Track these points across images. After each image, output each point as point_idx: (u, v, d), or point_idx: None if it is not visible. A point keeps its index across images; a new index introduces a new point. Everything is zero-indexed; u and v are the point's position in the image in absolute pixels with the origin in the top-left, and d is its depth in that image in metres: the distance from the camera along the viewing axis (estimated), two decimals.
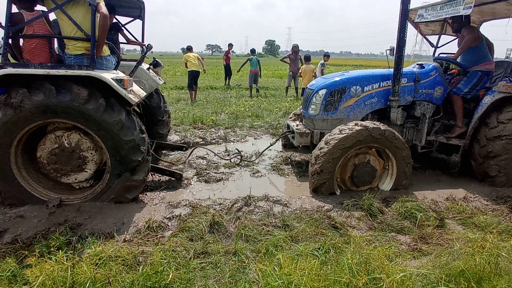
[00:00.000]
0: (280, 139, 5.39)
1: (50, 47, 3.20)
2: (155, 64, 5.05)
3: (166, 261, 2.30)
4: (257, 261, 2.42)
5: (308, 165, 3.93)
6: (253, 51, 13.71)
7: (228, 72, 14.99)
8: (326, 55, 11.63)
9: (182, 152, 5.22)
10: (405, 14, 3.85)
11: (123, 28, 4.97)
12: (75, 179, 3.40)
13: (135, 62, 4.51)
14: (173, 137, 6.19)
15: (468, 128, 4.19)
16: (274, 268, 2.17)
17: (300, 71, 10.64)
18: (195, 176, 4.34)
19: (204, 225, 2.87)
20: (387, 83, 4.24)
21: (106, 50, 3.45)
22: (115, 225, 2.97)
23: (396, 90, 4.09)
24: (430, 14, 4.52)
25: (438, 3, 4.28)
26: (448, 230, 2.99)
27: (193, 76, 10.73)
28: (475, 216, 3.25)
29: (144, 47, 4.85)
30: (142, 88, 4.47)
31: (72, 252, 2.17)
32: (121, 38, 4.99)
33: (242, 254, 2.52)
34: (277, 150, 5.54)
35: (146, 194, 3.74)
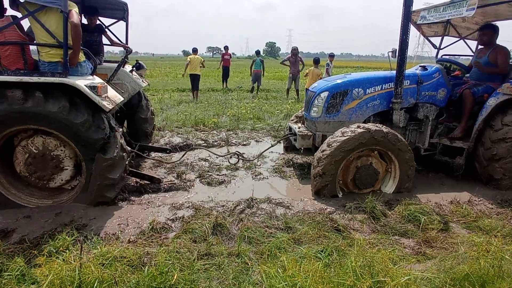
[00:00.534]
0: (282, 141, 5.40)
1: (23, 54, 3.19)
2: (138, 67, 5.06)
3: (170, 262, 2.31)
4: (261, 263, 2.42)
5: (310, 168, 3.93)
6: (257, 52, 14.23)
7: (226, 75, 14.97)
8: (331, 56, 11.69)
9: (166, 154, 5.18)
10: (408, 16, 3.86)
11: (106, 29, 4.98)
12: (62, 180, 3.37)
13: (120, 63, 4.57)
14: (175, 139, 6.20)
15: (473, 130, 4.18)
16: (278, 270, 2.17)
17: (307, 71, 10.73)
18: (198, 178, 4.34)
19: (207, 226, 2.87)
20: (389, 85, 4.24)
21: (81, 56, 3.42)
22: (119, 226, 2.99)
23: (399, 92, 4.09)
24: (433, 16, 4.53)
25: (440, 4, 4.29)
26: (452, 233, 2.99)
27: (193, 79, 11.43)
28: (480, 220, 3.23)
29: (127, 49, 4.89)
30: (124, 91, 4.53)
31: (78, 252, 2.17)
32: (105, 40, 5.00)
33: (245, 256, 2.52)
34: (279, 153, 5.55)
35: (149, 196, 3.76)
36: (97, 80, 3.40)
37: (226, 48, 15.04)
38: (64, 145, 3.29)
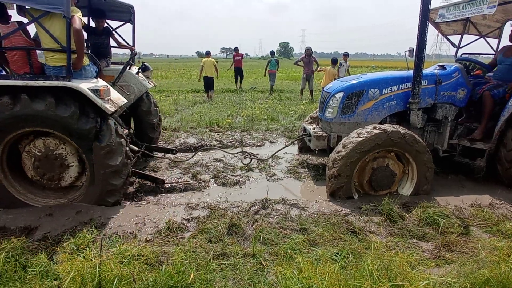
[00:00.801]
0: (296, 142, 5.38)
1: (29, 59, 3.28)
2: (143, 68, 5.12)
3: (186, 261, 2.34)
4: (276, 263, 2.42)
5: (325, 169, 3.91)
6: (272, 53, 14.47)
7: (239, 76, 14.92)
8: (345, 55, 11.57)
9: (172, 155, 5.20)
10: (426, 15, 3.78)
11: (114, 32, 5.07)
12: (71, 177, 3.46)
13: (127, 65, 4.67)
14: (190, 140, 6.27)
15: (494, 131, 4.05)
16: (293, 272, 2.17)
17: (323, 68, 10.74)
18: (213, 179, 4.38)
19: (223, 227, 2.90)
20: (406, 85, 4.17)
21: (85, 60, 3.50)
22: (136, 225, 3.05)
23: (416, 92, 4.01)
24: (452, 14, 4.43)
25: (460, 2, 4.19)
26: (473, 237, 2.91)
27: (207, 82, 11.82)
28: (501, 224, 3.14)
29: (133, 51, 4.97)
30: (130, 92, 4.62)
31: (98, 250, 2.24)
32: (113, 42, 5.11)
33: (260, 257, 2.53)
34: (293, 154, 5.53)
35: (165, 196, 3.82)
36: (100, 83, 3.47)
37: (236, 49, 15.07)
38: (64, 143, 3.37)
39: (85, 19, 4.82)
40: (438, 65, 4.58)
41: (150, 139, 5.24)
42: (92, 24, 4.96)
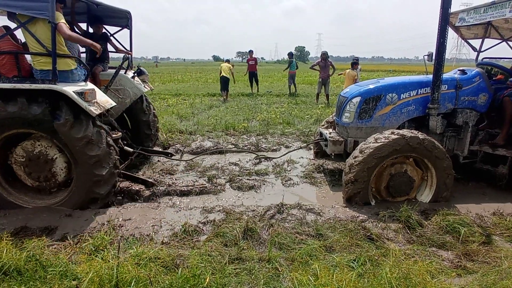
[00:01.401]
0: (311, 146, 5.36)
1: (17, 62, 3.38)
2: (139, 73, 5.20)
3: (202, 265, 2.35)
4: (292, 269, 2.40)
5: (341, 174, 3.86)
6: (291, 54, 15.07)
7: (253, 80, 14.99)
8: (355, 63, 11.43)
9: (168, 158, 5.25)
10: (446, 18, 3.71)
11: (111, 37, 5.20)
12: (61, 169, 3.49)
13: (125, 70, 4.84)
14: (206, 143, 6.34)
15: None
16: (310, 278, 2.15)
17: (342, 72, 10.75)
18: (228, 183, 4.40)
19: (238, 231, 2.90)
20: (425, 90, 4.09)
21: (72, 64, 3.57)
22: (153, 227, 3.09)
23: (436, 97, 3.93)
24: (473, 18, 4.32)
25: (481, 6, 4.09)
26: (495, 247, 2.81)
27: (223, 81, 12.97)
28: None
29: (128, 55, 5.08)
30: (126, 96, 4.73)
31: (116, 251, 2.28)
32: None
33: (276, 262, 2.52)
34: (309, 158, 5.50)
35: (181, 199, 3.86)
36: (88, 87, 3.53)
37: (250, 52, 15.08)
38: (49, 144, 3.43)
39: (83, 25, 5.04)
40: (458, 70, 4.48)
41: (147, 136, 5.30)
42: (91, 30, 5.11)
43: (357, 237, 2.89)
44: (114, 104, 3.89)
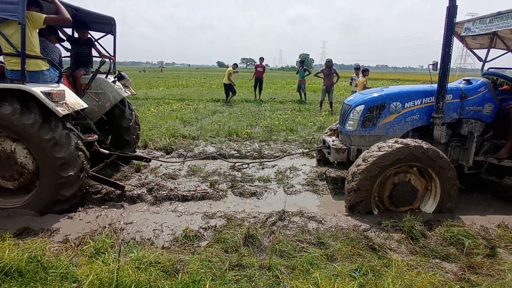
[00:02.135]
0: (314, 154, 5.34)
1: None
2: (119, 77, 5.25)
3: (202, 270, 2.34)
4: (292, 277, 2.38)
5: (344, 182, 3.84)
6: (302, 62, 15.53)
7: (258, 87, 15.05)
8: (356, 68, 11.51)
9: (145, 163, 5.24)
10: (451, 28, 3.72)
11: (95, 42, 5.29)
12: (24, 157, 3.44)
13: (106, 74, 4.95)
14: (208, 149, 6.34)
15: None
16: (310, 287, 2.12)
17: (357, 82, 10.82)
18: (230, 189, 4.39)
19: (239, 237, 2.88)
20: (430, 99, 4.07)
21: (44, 65, 3.61)
22: (154, 232, 3.09)
23: (440, 107, 3.92)
24: (478, 28, 4.32)
25: (487, 16, 4.09)
26: (499, 260, 2.76)
27: (224, 87, 14.01)
28: None
29: (112, 60, 5.17)
30: (106, 100, 4.80)
31: (117, 255, 2.27)
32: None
33: (276, 270, 2.49)
34: (311, 166, 5.49)
35: (182, 204, 3.86)
36: (58, 88, 3.54)
37: (261, 59, 15.17)
38: (13, 140, 3.40)
39: (69, 30, 5.15)
40: (464, 79, 4.47)
41: (126, 142, 5.28)
42: (76, 35, 5.21)
43: (359, 246, 2.86)
44: (85, 106, 3.88)
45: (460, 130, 4.14)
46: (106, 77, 5.00)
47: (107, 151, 4.60)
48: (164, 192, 4.08)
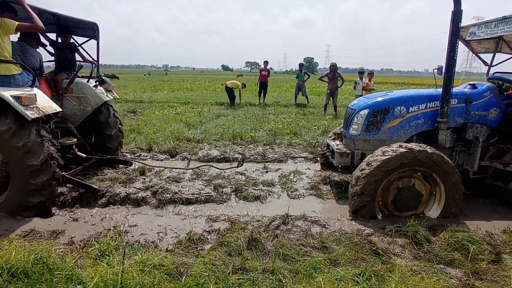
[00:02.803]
0: (318, 157, 5.34)
1: None
2: (101, 81, 5.29)
3: (206, 274, 2.35)
4: (296, 281, 2.38)
5: (348, 186, 3.84)
6: (301, 65, 14.92)
7: (262, 90, 15.02)
8: (360, 72, 11.50)
9: (126, 167, 5.24)
10: (456, 33, 3.71)
11: (79, 47, 5.36)
12: (4, 173, 3.44)
13: (87, 78, 5.03)
14: (212, 152, 6.37)
15: None
16: None
17: (364, 85, 10.83)
18: (234, 192, 4.40)
19: (242, 241, 2.89)
20: (434, 103, 4.07)
21: (15, 69, 3.63)
22: (158, 234, 3.11)
23: (445, 111, 3.90)
24: (484, 32, 4.32)
25: (492, 20, 4.09)
26: (504, 266, 2.74)
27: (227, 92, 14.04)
28: None
29: (93, 65, 5.25)
30: (87, 104, 4.87)
31: (121, 257, 2.29)
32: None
33: (280, 273, 2.49)
34: (315, 170, 5.48)
35: (186, 207, 3.88)
36: (30, 92, 3.53)
37: (265, 63, 15.17)
38: None
39: (52, 35, 5.24)
40: (469, 84, 4.45)
41: (108, 149, 5.28)
42: (59, 39, 5.27)
43: (362, 251, 2.86)
44: (58, 110, 3.87)
45: (465, 134, 4.12)
46: (87, 81, 5.05)
47: (84, 155, 4.66)
48: (168, 195, 4.10)
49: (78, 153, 4.56)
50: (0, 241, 2.75)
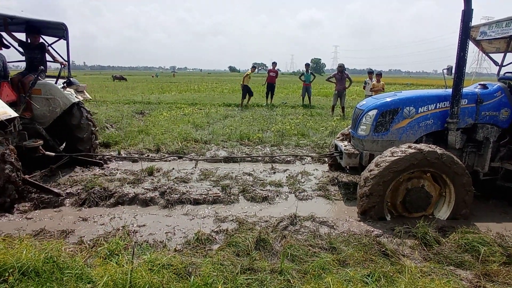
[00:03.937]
0: (325, 157, 5.32)
1: None
2: (68, 83, 5.24)
3: (214, 274, 2.35)
4: (304, 282, 2.37)
5: (356, 187, 3.81)
6: (307, 65, 14.88)
7: (270, 92, 14.96)
8: (370, 72, 11.42)
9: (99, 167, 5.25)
10: (466, 32, 3.67)
11: (49, 48, 5.36)
12: None
13: (55, 79, 5.02)
14: (220, 152, 6.38)
15: None
16: None
17: (372, 87, 10.75)
18: (241, 193, 4.41)
19: (251, 241, 2.89)
20: (444, 104, 4.02)
21: None
22: (166, 234, 3.13)
23: (455, 112, 3.86)
24: (494, 32, 4.26)
25: (503, 20, 4.03)
26: None
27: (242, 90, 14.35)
28: None
29: (62, 65, 5.27)
30: (56, 105, 4.86)
31: (130, 256, 2.31)
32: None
33: (288, 274, 2.49)
34: (323, 171, 5.46)
35: (194, 207, 3.89)
36: None
37: (273, 64, 15.12)
38: None
39: (22, 35, 5.25)
40: (479, 84, 4.39)
41: (79, 151, 5.24)
42: (29, 40, 5.30)
43: (371, 252, 2.84)
44: (14, 115, 3.87)
45: (475, 135, 4.06)
46: (56, 82, 5.04)
47: (53, 154, 4.69)
48: (176, 195, 4.13)
49: (47, 153, 4.60)
50: (11, 240, 2.79)
